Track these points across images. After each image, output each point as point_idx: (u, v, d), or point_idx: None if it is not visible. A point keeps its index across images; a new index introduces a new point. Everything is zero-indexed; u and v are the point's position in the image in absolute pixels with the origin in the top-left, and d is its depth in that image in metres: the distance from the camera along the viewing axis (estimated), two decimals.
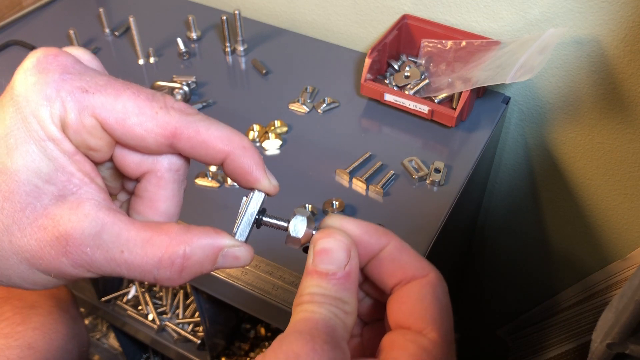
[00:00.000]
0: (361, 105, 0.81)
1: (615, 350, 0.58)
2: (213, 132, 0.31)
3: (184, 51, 0.89)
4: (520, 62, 0.69)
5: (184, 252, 0.30)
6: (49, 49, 0.30)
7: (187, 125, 0.30)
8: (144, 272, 0.30)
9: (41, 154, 0.28)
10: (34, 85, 0.28)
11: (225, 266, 0.32)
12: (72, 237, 0.28)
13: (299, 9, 0.95)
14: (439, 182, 0.69)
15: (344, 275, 0.31)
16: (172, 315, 0.96)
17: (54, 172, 0.29)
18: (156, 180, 0.33)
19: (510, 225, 1.04)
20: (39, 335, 0.56)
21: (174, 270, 0.30)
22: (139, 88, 0.30)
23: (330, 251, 0.31)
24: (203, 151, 0.31)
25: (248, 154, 0.32)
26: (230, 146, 0.31)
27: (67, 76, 0.29)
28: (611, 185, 0.86)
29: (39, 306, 0.59)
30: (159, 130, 0.30)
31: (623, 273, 0.88)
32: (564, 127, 0.85)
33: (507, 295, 1.17)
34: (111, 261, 0.29)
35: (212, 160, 0.32)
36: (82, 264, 0.29)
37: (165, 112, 0.30)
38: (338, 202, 0.66)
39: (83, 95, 0.29)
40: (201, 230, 0.31)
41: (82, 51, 0.32)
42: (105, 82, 0.30)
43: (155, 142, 0.30)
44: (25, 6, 1.00)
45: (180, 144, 0.31)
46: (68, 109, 0.29)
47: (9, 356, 0.53)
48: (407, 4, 0.84)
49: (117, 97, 0.29)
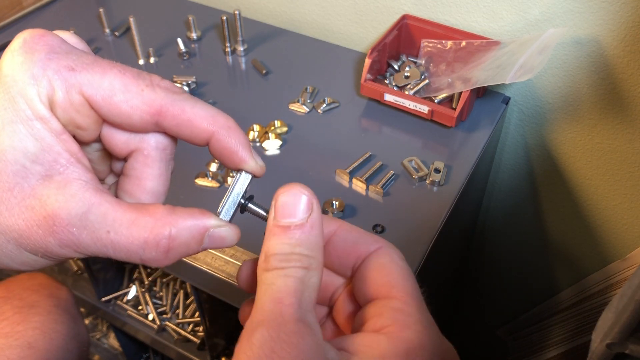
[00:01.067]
0: (361, 105, 0.81)
1: (615, 350, 0.58)
2: (198, 111, 0.31)
3: (184, 51, 0.89)
4: (520, 62, 0.69)
5: (170, 233, 0.30)
6: (36, 30, 0.30)
7: (172, 103, 0.30)
8: (129, 252, 0.30)
9: (28, 133, 0.29)
10: (21, 65, 0.29)
11: (212, 246, 0.32)
12: (59, 217, 0.29)
13: (299, 9, 0.95)
14: (439, 182, 0.69)
15: (307, 227, 0.31)
16: (172, 315, 0.96)
17: (40, 151, 0.29)
18: (143, 159, 0.33)
19: (510, 225, 1.04)
20: (39, 334, 0.57)
21: (159, 251, 0.30)
22: (125, 67, 0.31)
23: (292, 204, 0.31)
24: (188, 130, 0.31)
25: (233, 133, 0.32)
26: (215, 125, 0.31)
27: (54, 55, 0.29)
28: (611, 185, 0.86)
29: (39, 306, 0.59)
30: (145, 108, 0.30)
31: (623, 273, 0.88)
32: (563, 127, 0.85)
33: (507, 295, 1.17)
34: (97, 241, 0.29)
35: (197, 140, 0.32)
36: (69, 244, 0.29)
37: (151, 89, 0.30)
38: (338, 202, 0.66)
39: (70, 73, 0.29)
40: (187, 211, 0.31)
41: (69, 34, 0.32)
42: (92, 61, 0.30)
43: (140, 119, 0.30)
44: (26, 6, 1.00)
45: (166, 122, 0.31)
46: (55, 87, 0.29)
47: (9, 356, 0.54)
48: (407, 4, 0.84)
49: (104, 74, 0.30)
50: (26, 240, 0.29)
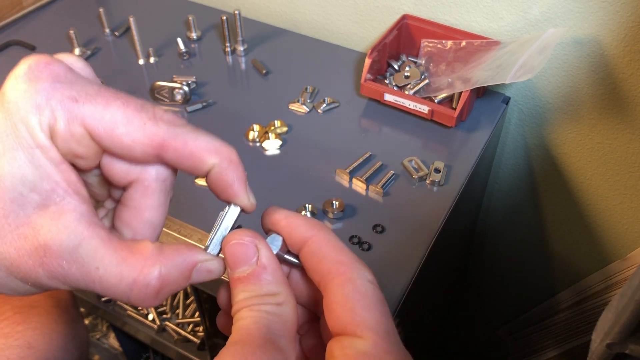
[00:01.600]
0: (361, 105, 0.81)
1: (615, 350, 0.58)
2: (200, 143, 0.31)
3: (184, 51, 0.89)
4: (520, 62, 0.69)
5: (160, 273, 0.30)
6: (42, 56, 0.30)
7: (174, 136, 0.30)
8: (117, 291, 0.30)
9: (28, 161, 0.29)
10: (25, 92, 0.28)
11: (198, 280, 0.32)
12: (50, 248, 0.29)
13: (299, 9, 0.95)
14: (439, 182, 0.69)
15: (259, 271, 0.31)
16: (172, 315, 0.96)
17: (39, 180, 0.29)
18: (143, 190, 0.33)
19: (509, 225, 1.04)
20: (39, 335, 0.56)
21: (149, 292, 0.30)
22: (128, 98, 0.30)
23: (237, 255, 0.32)
24: (190, 162, 0.31)
25: (233, 167, 0.32)
26: (217, 158, 0.31)
27: (58, 85, 0.29)
28: (611, 185, 0.87)
29: (38, 306, 0.59)
30: (147, 141, 0.30)
31: (623, 273, 0.88)
32: (563, 127, 0.85)
33: (507, 295, 1.17)
34: (86, 276, 0.29)
35: (198, 172, 0.32)
36: (57, 276, 0.29)
37: (153, 123, 0.30)
38: (338, 202, 0.66)
39: (73, 105, 0.29)
40: (174, 249, 0.31)
41: (75, 59, 0.32)
42: (96, 92, 0.30)
43: (142, 152, 0.30)
44: (26, 6, 1.00)
45: (168, 155, 0.31)
46: (57, 117, 0.29)
47: (9, 356, 0.54)
48: (407, 4, 0.84)
49: (107, 106, 0.29)
50: (16, 269, 0.29)
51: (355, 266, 0.32)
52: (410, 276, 0.60)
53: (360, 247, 0.63)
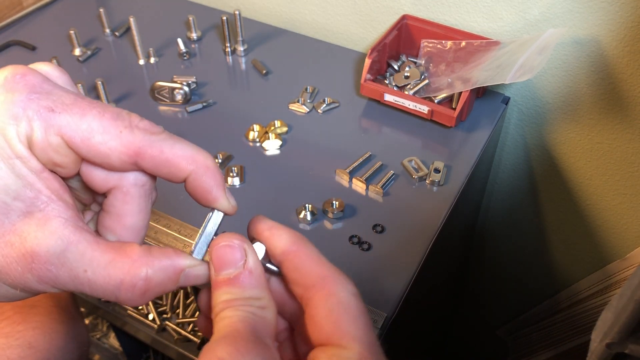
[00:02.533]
0: (361, 105, 0.81)
1: (615, 350, 0.58)
2: (177, 151, 0.31)
3: (184, 51, 0.89)
4: (519, 63, 0.69)
5: (146, 275, 0.31)
6: (17, 67, 0.30)
7: (150, 144, 0.31)
8: (106, 292, 0.30)
9: (9, 171, 0.29)
10: (1, 104, 0.29)
11: (187, 285, 0.33)
12: (38, 254, 0.29)
13: (299, 9, 0.95)
14: (438, 182, 0.69)
15: (245, 274, 0.32)
16: (172, 315, 0.96)
17: (22, 189, 0.29)
18: (122, 196, 0.33)
19: (509, 225, 1.04)
20: (40, 334, 0.57)
21: (136, 292, 0.31)
22: (104, 107, 0.31)
23: (224, 256, 0.32)
24: (166, 169, 0.31)
25: (210, 173, 0.32)
26: (194, 165, 0.32)
27: (34, 95, 0.29)
28: (610, 185, 0.87)
29: (39, 305, 0.59)
30: (123, 149, 0.30)
31: (622, 273, 0.89)
32: (563, 127, 0.85)
33: (507, 295, 1.17)
34: (75, 279, 0.30)
35: (175, 179, 0.32)
36: (47, 281, 0.30)
37: (129, 131, 0.30)
38: (338, 202, 0.67)
39: (49, 114, 0.29)
40: (162, 252, 0.32)
41: (51, 67, 0.32)
42: (72, 101, 0.30)
43: (119, 160, 0.31)
44: (26, 6, 1.00)
45: (144, 163, 0.31)
46: (35, 127, 0.29)
47: (9, 355, 0.54)
48: (407, 4, 0.84)
49: (83, 116, 0.30)
50: (5, 276, 0.30)
51: (338, 279, 0.32)
52: (410, 276, 0.60)
53: (360, 247, 0.63)
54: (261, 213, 0.36)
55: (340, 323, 0.31)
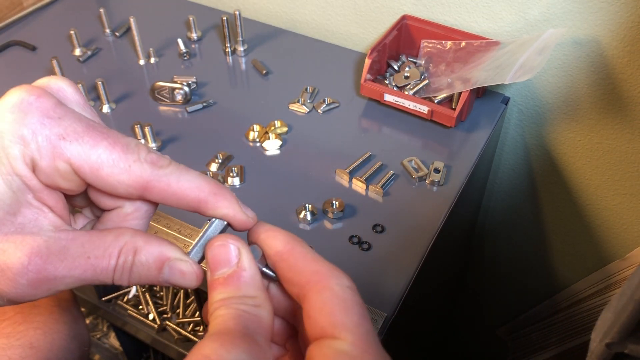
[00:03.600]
0: (361, 106, 0.81)
1: (614, 350, 0.58)
2: (183, 184, 0.32)
3: (184, 51, 0.89)
4: (519, 63, 0.69)
5: (134, 247, 0.32)
6: (33, 89, 0.30)
7: (158, 179, 0.31)
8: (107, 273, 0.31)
9: (6, 186, 0.30)
10: (11, 123, 0.29)
11: (171, 280, 0.33)
12: (35, 256, 0.30)
13: (299, 9, 0.95)
14: (438, 182, 0.69)
15: (239, 272, 0.32)
16: (172, 314, 0.96)
17: (16, 204, 0.30)
18: (124, 215, 0.34)
19: (509, 225, 1.04)
20: (41, 334, 0.57)
21: (125, 269, 0.32)
22: (115, 138, 0.31)
23: (219, 256, 0.32)
24: (175, 201, 0.32)
25: (219, 197, 0.33)
26: (202, 194, 0.32)
27: (47, 120, 0.30)
28: (610, 185, 0.87)
29: (40, 305, 0.59)
30: (131, 183, 0.31)
31: (622, 273, 0.89)
32: (563, 127, 0.85)
33: (507, 295, 1.17)
34: (76, 269, 0.31)
35: (186, 208, 0.33)
36: (42, 281, 0.30)
37: (138, 165, 0.31)
38: (338, 202, 0.67)
39: (60, 142, 0.30)
40: (155, 237, 0.33)
41: (66, 83, 0.33)
42: (84, 129, 0.30)
43: (126, 192, 0.32)
44: (26, 6, 1.00)
45: (152, 196, 0.32)
46: (43, 154, 0.30)
47: (10, 355, 0.54)
48: (407, 4, 0.84)
49: (94, 146, 0.30)
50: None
51: (332, 274, 0.32)
52: (410, 276, 0.60)
53: (360, 247, 0.63)
54: (261, 213, 0.36)
55: (334, 314, 0.30)
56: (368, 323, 0.31)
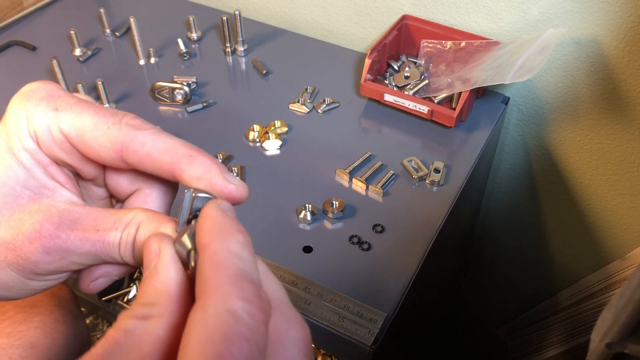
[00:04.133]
0: (361, 106, 0.81)
1: (614, 350, 0.58)
2: (158, 144, 0.30)
3: (184, 51, 0.89)
4: (519, 63, 0.69)
5: (139, 221, 0.31)
6: (46, 82, 0.33)
7: (133, 139, 0.31)
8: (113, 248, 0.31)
9: (17, 163, 0.32)
10: (19, 104, 0.32)
11: None
12: (48, 225, 0.31)
13: (299, 9, 0.95)
14: (438, 182, 0.69)
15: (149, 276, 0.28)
16: None
17: (29, 178, 0.32)
18: (143, 198, 0.34)
19: (509, 225, 1.04)
20: (41, 334, 0.57)
21: (128, 242, 0.31)
22: (102, 107, 0.32)
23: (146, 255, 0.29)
24: (150, 164, 0.31)
25: (195, 161, 0.30)
26: (175, 157, 0.30)
27: (47, 97, 0.32)
28: (610, 185, 0.87)
29: (40, 305, 0.59)
30: (110, 145, 0.31)
31: (622, 273, 0.89)
32: (563, 128, 0.85)
33: (507, 295, 1.17)
34: (86, 240, 0.31)
35: (162, 173, 0.31)
36: (55, 249, 0.31)
37: (117, 127, 0.31)
38: (338, 202, 0.67)
39: (53, 113, 0.32)
40: (159, 215, 0.32)
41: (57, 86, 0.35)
42: (75, 102, 0.32)
43: (108, 156, 0.31)
44: (26, 6, 1.00)
45: (129, 158, 0.31)
46: (41, 124, 0.32)
47: (11, 355, 0.54)
48: (407, 5, 0.84)
49: (80, 113, 0.32)
50: (12, 254, 0.31)
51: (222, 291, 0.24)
52: (410, 276, 0.60)
53: (360, 247, 0.63)
54: (261, 213, 0.36)
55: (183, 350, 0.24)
56: None
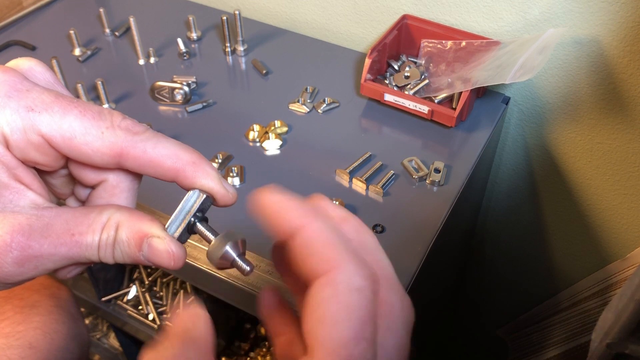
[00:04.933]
0: (361, 105, 0.81)
1: (615, 350, 0.58)
2: (160, 150, 0.30)
3: (184, 51, 0.89)
4: (520, 63, 0.69)
5: (117, 222, 0.31)
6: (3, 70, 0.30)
7: (133, 145, 0.30)
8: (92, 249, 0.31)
9: None
10: None
11: (150, 259, 0.31)
12: (17, 237, 0.29)
13: (299, 9, 0.95)
14: (438, 182, 0.69)
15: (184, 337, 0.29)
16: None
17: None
18: (111, 189, 0.33)
19: (509, 225, 1.04)
20: (40, 335, 0.57)
21: (108, 245, 0.30)
22: (85, 106, 0.30)
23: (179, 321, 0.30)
24: (152, 170, 0.31)
25: (197, 167, 0.31)
26: (179, 163, 0.31)
27: (14, 93, 0.29)
28: (611, 185, 0.87)
29: (39, 306, 0.59)
30: (105, 150, 0.30)
31: (622, 273, 0.89)
32: (563, 127, 0.85)
33: (507, 295, 1.17)
34: (61, 246, 0.30)
35: (163, 177, 0.31)
36: (29, 260, 0.29)
37: (111, 131, 0.30)
38: (338, 202, 0.67)
39: (29, 114, 0.29)
40: (137, 213, 0.31)
41: (34, 63, 0.32)
42: (52, 100, 0.30)
43: (101, 160, 0.30)
44: (26, 6, 1.00)
45: (128, 163, 0.31)
46: (13, 127, 0.29)
47: (10, 356, 0.54)
48: (407, 4, 0.84)
49: (64, 115, 0.29)
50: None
51: (345, 268, 0.27)
52: (410, 276, 0.60)
53: None
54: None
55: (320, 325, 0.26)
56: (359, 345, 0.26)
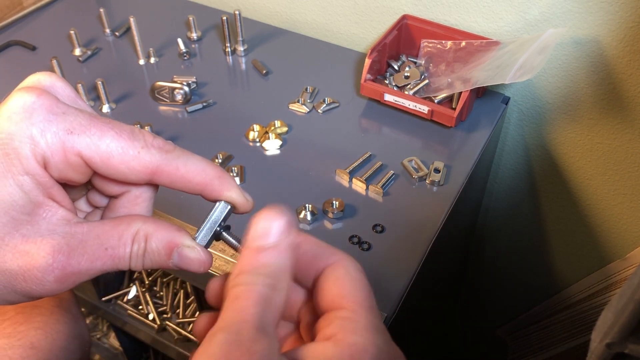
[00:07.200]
0: (361, 105, 0.81)
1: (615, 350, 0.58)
2: (190, 167, 0.34)
3: (184, 51, 0.89)
4: (519, 63, 0.69)
5: (146, 234, 0.33)
6: (33, 89, 0.31)
7: (167, 163, 0.33)
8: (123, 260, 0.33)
9: (17, 188, 0.31)
10: (19, 124, 0.30)
11: (180, 265, 0.35)
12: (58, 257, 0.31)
13: (299, 9, 0.95)
14: (438, 182, 0.69)
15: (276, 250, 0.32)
16: (172, 314, 0.96)
17: (29, 204, 0.31)
18: (134, 199, 0.36)
19: (509, 225, 1.04)
20: (42, 335, 0.57)
21: (139, 255, 0.33)
22: (119, 127, 0.33)
23: (265, 227, 0.32)
24: (182, 184, 0.34)
25: (221, 180, 0.35)
26: (207, 178, 0.34)
27: (52, 117, 0.31)
28: (610, 185, 0.87)
29: (41, 306, 0.59)
30: (141, 169, 0.33)
31: (622, 273, 0.89)
32: (563, 127, 0.85)
33: (507, 295, 1.17)
34: (97, 261, 0.32)
35: (191, 191, 0.35)
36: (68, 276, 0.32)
37: (146, 151, 0.33)
38: (338, 202, 0.67)
39: (68, 137, 0.31)
40: (164, 223, 0.34)
41: (55, 78, 0.34)
42: (88, 121, 0.32)
43: (137, 177, 0.33)
44: (26, 6, 1.00)
45: (161, 179, 0.34)
46: (54, 150, 0.31)
47: (11, 356, 0.54)
48: (407, 4, 0.84)
49: (101, 137, 0.32)
50: (20, 284, 0.31)
51: (347, 257, 0.34)
52: (410, 276, 0.60)
53: (360, 247, 0.63)
54: None
55: (344, 286, 0.32)
56: (373, 302, 0.33)
